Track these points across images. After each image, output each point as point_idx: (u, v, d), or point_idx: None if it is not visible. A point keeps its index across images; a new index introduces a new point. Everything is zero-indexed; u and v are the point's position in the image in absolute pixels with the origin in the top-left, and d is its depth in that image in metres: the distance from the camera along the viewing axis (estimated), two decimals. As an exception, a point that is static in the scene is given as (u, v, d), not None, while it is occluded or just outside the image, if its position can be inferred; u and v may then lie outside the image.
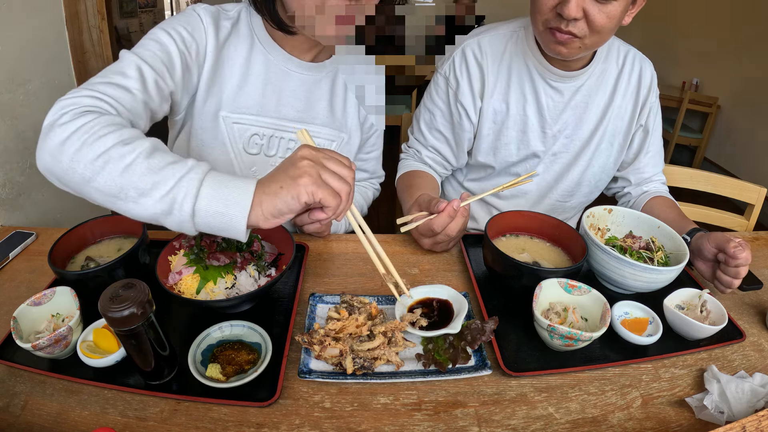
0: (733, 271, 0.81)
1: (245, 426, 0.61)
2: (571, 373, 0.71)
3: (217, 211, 0.59)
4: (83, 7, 1.68)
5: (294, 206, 0.60)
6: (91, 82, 0.71)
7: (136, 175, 0.59)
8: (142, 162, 0.59)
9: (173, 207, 0.58)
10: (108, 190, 0.59)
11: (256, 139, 0.95)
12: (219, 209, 0.59)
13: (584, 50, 0.93)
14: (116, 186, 0.59)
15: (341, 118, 1.03)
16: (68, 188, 0.63)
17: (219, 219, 0.59)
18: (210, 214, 0.59)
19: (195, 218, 0.59)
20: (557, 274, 0.78)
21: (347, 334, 0.69)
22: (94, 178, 0.59)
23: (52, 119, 0.63)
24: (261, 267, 0.78)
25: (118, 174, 0.59)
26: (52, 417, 0.61)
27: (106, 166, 0.59)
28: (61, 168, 0.60)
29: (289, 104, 0.96)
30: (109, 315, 0.55)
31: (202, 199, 0.58)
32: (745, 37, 3.47)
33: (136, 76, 0.74)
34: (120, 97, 0.71)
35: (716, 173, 1.41)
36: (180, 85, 0.84)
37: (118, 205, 0.61)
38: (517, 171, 1.15)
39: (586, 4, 0.85)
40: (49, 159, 0.61)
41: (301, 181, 0.59)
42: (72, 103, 0.65)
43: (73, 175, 0.60)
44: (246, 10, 0.93)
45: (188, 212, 0.58)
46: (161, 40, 0.81)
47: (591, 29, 0.88)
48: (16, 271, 0.88)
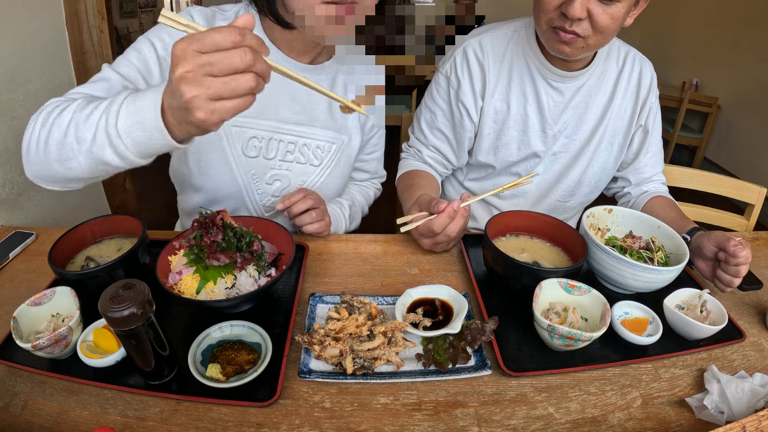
0: (734, 269, 0.81)
1: (245, 426, 0.61)
2: (571, 373, 0.71)
3: (134, 122, 0.60)
4: (83, 7, 1.68)
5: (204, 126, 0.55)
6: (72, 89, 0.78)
7: (74, 130, 0.64)
8: (78, 115, 0.65)
9: (105, 143, 0.62)
10: (61, 156, 0.66)
11: (255, 141, 0.95)
12: (135, 119, 0.60)
13: (587, 50, 0.94)
14: (66, 149, 0.65)
15: (341, 119, 1.03)
16: (57, 182, 0.71)
17: (140, 129, 0.60)
18: (130, 134, 0.60)
19: (123, 138, 0.60)
20: (557, 274, 0.78)
21: (347, 334, 0.69)
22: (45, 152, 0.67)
23: (26, 135, 0.71)
24: (261, 267, 0.78)
25: (62, 136, 0.65)
26: (52, 417, 0.61)
27: (50, 137, 0.66)
28: (39, 165, 0.68)
29: (287, 107, 0.96)
30: (109, 315, 0.55)
31: (121, 119, 0.60)
32: (745, 37, 3.47)
33: (112, 75, 0.80)
34: (93, 89, 0.76)
35: (716, 173, 1.41)
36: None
37: (73, 167, 0.66)
38: (518, 171, 1.15)
39: (590, 5, 0.85)
40: (33, 165, 0.70)
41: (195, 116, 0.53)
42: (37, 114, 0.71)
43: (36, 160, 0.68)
44: (245, 11, 0.92)
45: (115, 135, 0.61)
46: (141, 48, 0.85)
47: (595, 29, 0.88)
48: (16, 271, 0.88)
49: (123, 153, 0.62)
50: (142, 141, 0.60)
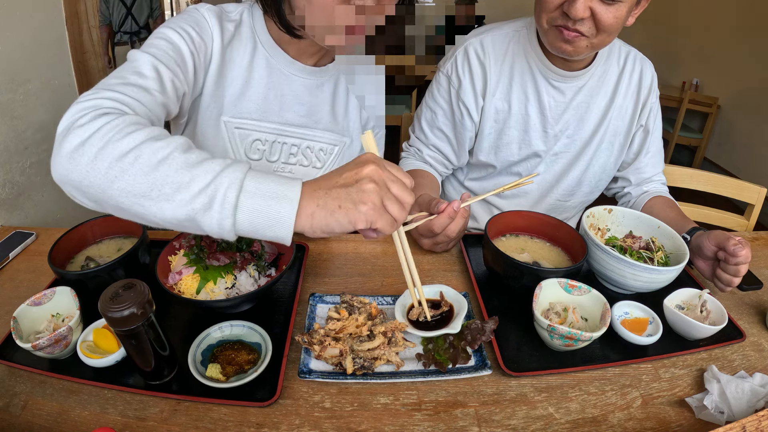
0: (734, 269, 0.81)
1: (245, 426, 0.61)
2: (571, 373, 0.71)
3: (264, 205, 0.53)
4: (83, 7, 1.68)
5: (347, 229, 0.55)
6: (107, 83, 0.65)
7: (173, 168, 0.53)
8: (179, 156, 0.54)
9: (214, 200, 0.52)
10: (137, 189, 0.53)
11: (258, 144, 0.94)
12: (266, 203, 0.53)
13: (590, 49, 0.93)
14: (147, 183, 0.53)
15: (343, 122, 1.03)
16: (87, 196, 0.56)
17: (266, 214, 0.53)
18: (256, 208, 0.53)
19: (237, 212, 0.53)
20: (557, 274, 0.78)
21: (347, 334, 0.69)
22: (120, 176, 0.53)
23: (70, 121, 0.57)
24: (261, 267, 0.78)
25: (150, 168, 0.53)
26: (52, 417, 0.61)
27: (136, 162, 0.53)
28: (80, 171, 0.54)
29: (291, 109, 0.95)
30: (109, 315, 0.55)
31: (247, 192, 0.53)
32: (745, 37, 3.47)
33: (154, 76, 0.70)
34: (140, 97, 0.65)
35: (716, 173, 1.41)
36: (191, 87, 0.82)
37: (147, 206, 0.54)
38: (518, 170, 1.15)
39: (593, 4, 0.85)
40: (67, 163, 0.55)
41: (363, 208, 0.54)
42: (92, 105, 0.59)
43: (95, 177, 0.54)
44: (248, 12, 0.91)
45: (231, 204, 0.52)
46: (172, 39, 0.77)
47: (598, 29, 0.88)
48: (16, 271, 0.88)
49: (225, 225, 0.53)
50: (258, 225, 0.54)
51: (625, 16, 0.88)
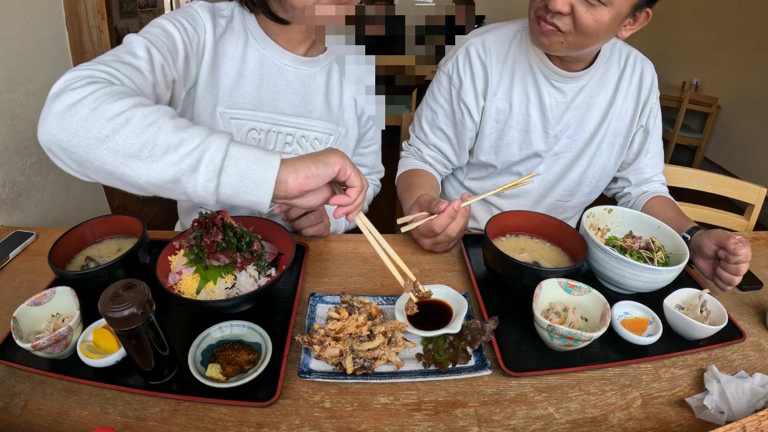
0: (734, 268, 0.81)
1: (245, 426, 0.61)
2: (571, 373, 0.71)
3: (247, 170, 0.57)
4: (83, 7, 1.68)
5: (327, 172, 0.63)
6: (103, 59, 0.68)
7: (162, 131, 0.56)
8: (168, 121, 0.58)
9: (200, 162, 0.56)
10: (127, 149, 0.55)
11: (254, 134, 0.95)
12: (249, 167, 0.58)
13: (566, 48, 0.93)
14: (138, 143, 0.55)
15: (338, 112, 1.03)
16: (72, 157, 0.57)
17: (248, 178, 0.58)
18: (239, 172, 0.57)
19: (222, 175, 0.57)
20: (557, 274, 0.78)
21: (347, 334, 0.69)
22: (111, 136, 0.55)
23: (63, 85, 0.59)
24: (261, 267, 0.78)
25: (141, 129, 0.56)
26: (52, 417, 0.61)
27: (128, 124, 0.56)
28: (70, 130, 0.55)
29: (285, 99, 0.96)
30: (109, 315, 0.55)
31: (232, 157, 0.57)
32: (745, 37, 3.46)
33: (146, 57, 0.73)
34: (132, 75, 0.68)
35: (716, 173, 1.41)
36: (182, 76, 0.84)
37: (134, 167, 0.56)
38: (519, 170, 1.15)
39: (574, 1, 0.85)
40: (57, 122, 0.56)
41: (333, 158, 0.65)
42: (86, 74, 0.61)
43: (85, 136, 0.55)
44: (239, 8, 0.94)
45: (217, 166, 0.56)
46: (166, 27, 0.81)
47: (576, 28, 0.88)
48: (16, 271, 0.88)
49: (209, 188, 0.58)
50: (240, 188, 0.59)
51: (607, 23, 0.87)
